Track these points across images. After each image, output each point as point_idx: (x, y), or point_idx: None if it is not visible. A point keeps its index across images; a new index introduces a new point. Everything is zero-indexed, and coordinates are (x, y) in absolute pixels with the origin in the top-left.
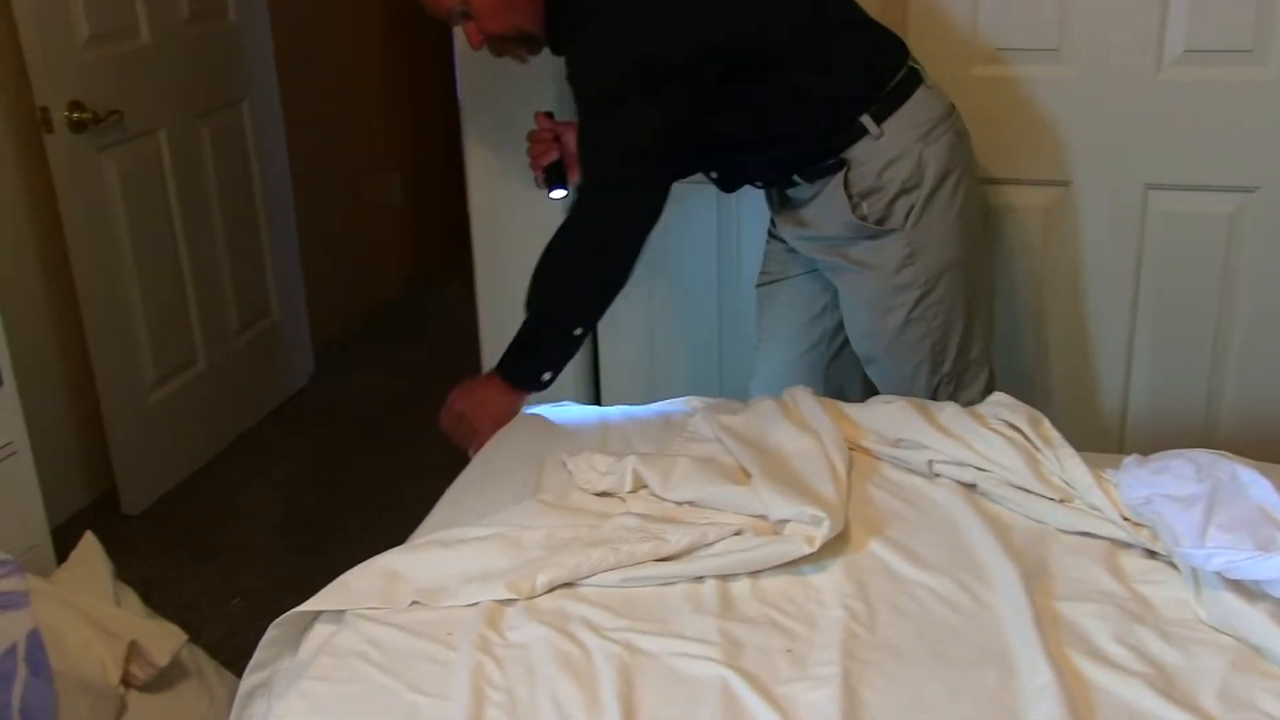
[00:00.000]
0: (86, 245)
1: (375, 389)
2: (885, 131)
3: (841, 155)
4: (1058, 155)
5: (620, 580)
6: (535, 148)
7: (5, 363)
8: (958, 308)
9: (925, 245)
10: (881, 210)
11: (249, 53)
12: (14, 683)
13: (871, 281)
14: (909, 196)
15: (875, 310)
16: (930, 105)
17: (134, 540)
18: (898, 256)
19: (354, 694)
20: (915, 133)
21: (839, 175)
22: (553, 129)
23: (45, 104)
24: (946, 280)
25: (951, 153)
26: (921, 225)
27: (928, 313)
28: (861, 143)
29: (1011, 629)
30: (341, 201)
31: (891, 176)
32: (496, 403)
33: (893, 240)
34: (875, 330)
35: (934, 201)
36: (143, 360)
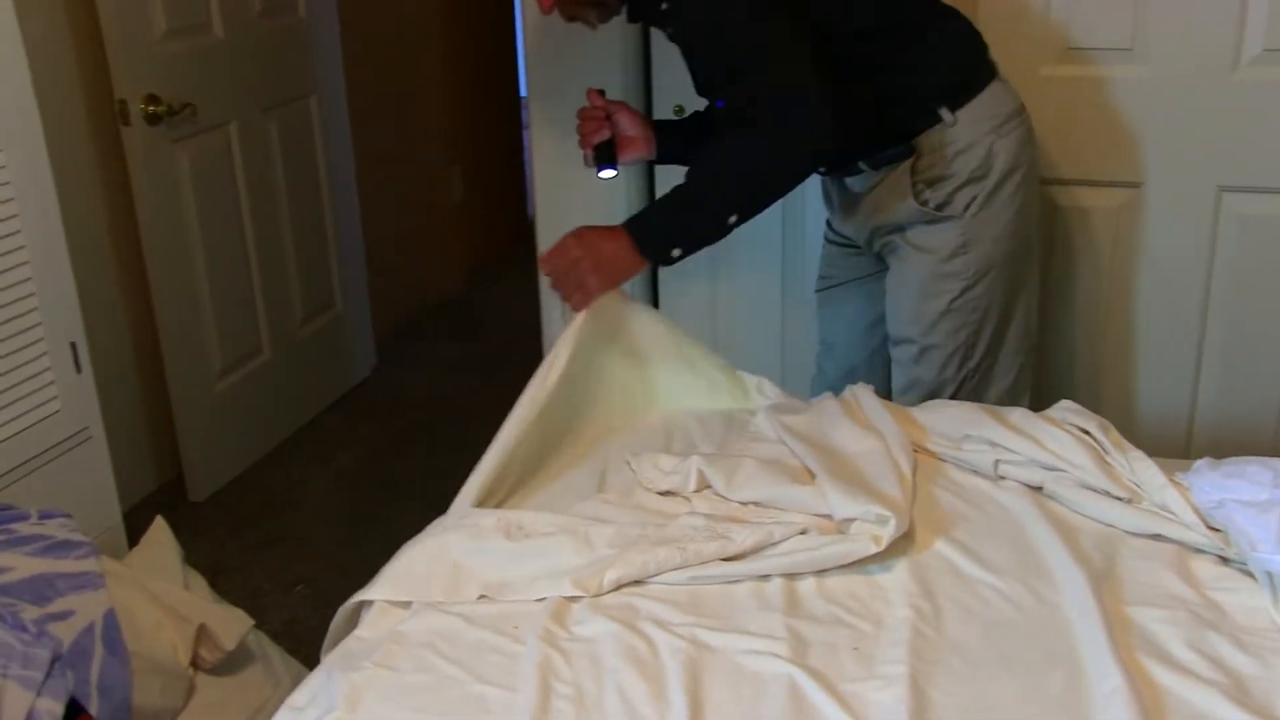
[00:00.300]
0: (159, 236)
1: (436, 381)
2: (959, 120)
3: (912, 142)
4: (1129, 156)
5: (687, 578)
6: (586, 125)
7: (83, 351)
8: (996, 305)
9: (979, 237)
10: (944, 197)
11: (317, 48)
12: (92, 660)
13: (922, 265)
14: (973, 187)
15: (920, 294)
16: (1004, 99)
17: (199, 526)
18: (951, 244)
19: (422, 683)
20: (988, 124)
21: (906, 163)
22: (605, 106)
23: (123, 97)
24: (992, 276)
25: (1020, 149)
26: (980, 217)
27: (968, 305)
28: (934, 130)
29: (1080, 632)
30: (404, 195)
31: (960, 166)
32: (617, 260)
33: (949, 227)
34: (915, 314)
35: (997, 195)
36: (210, 349)
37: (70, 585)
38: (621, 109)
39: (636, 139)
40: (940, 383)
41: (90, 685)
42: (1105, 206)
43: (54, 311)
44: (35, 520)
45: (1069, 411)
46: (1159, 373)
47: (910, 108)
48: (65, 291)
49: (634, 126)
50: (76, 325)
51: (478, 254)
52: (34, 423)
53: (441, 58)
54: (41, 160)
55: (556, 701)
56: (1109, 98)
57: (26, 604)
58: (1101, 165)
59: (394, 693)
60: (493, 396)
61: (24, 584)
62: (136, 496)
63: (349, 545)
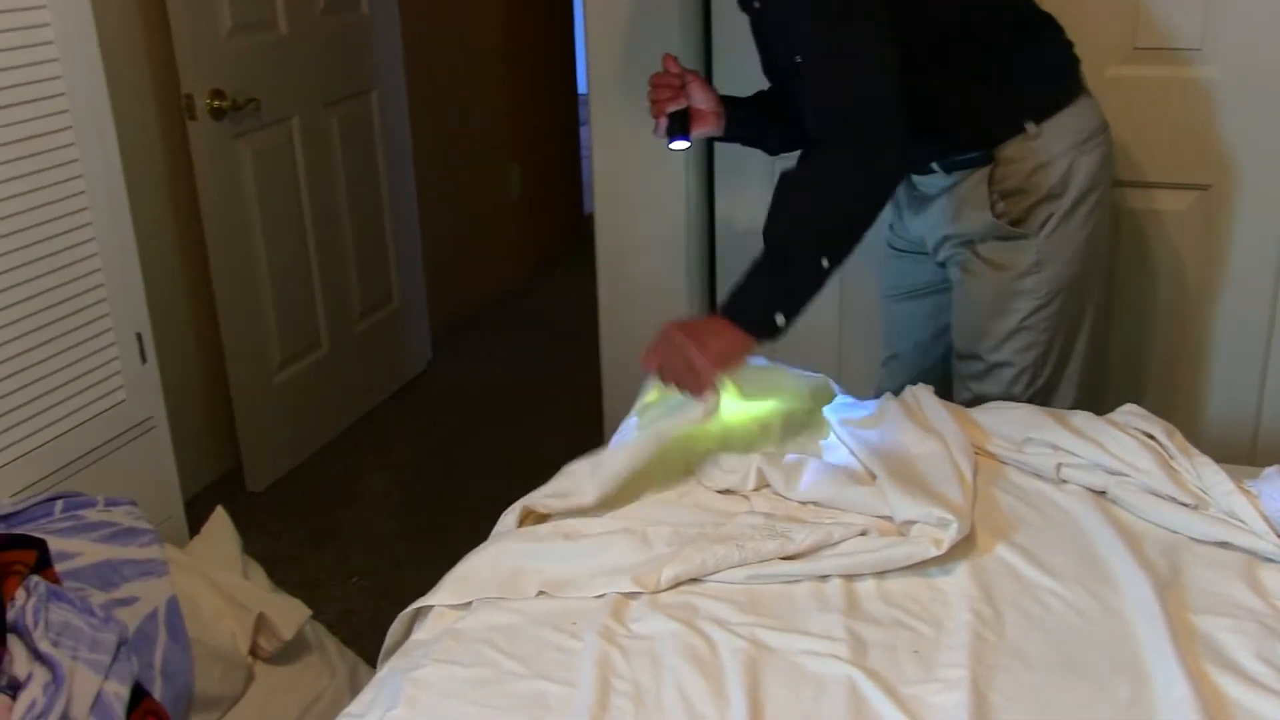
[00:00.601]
0: (222, 229)
1: (491, 376)
2: (1043, 133)
3: (992, 150)
4: (1197, 158)
5: (746, 577)
6: (660, 92)
7: (149, 341)
8: (1065, 325)
9: (1054, 257)
10: (1020, 213)
11: (379, 44)
12: (155, 646)
13: (993, 281)
14: (1050, 204)
15: (989, 311)
16: (1090, 115)
17: (257, 517)
18: (1025, 262)
19: (481, 678)
20: (1071, 139)
21: (983, 170)
22: (680, 74)
23: (190, 92)
24: (1064, 298)
25: (1100, 168)
26: (1055, 236)
27: (1039, 324)
28: (1016, 141)
29: (1145, 640)
30: (462, 191)
31: (1039, 181)
32: (725, 340)
33: (1023, 245)
34: (984, 330)
35: (1074, 215)
36: (270, 342)
37: (135, 572)
38: (695, 79)
39: (708, 113)
40: (1005, 400)
41: (154, 670)
42: (1172, 209)
43: (121, 303)
44: (102, 507)
45: (1133, 416)
46: (1225, 378)
47: (997, 116)
48: (132, 283)
49: (706, 100)
50: (143, 316)
51: (534, 249)
52: (101, 411)
53: (501, 55)
54: (113, 154)
55: (615, 698)
56: (1177, 99)
57: (93, 589)
58: (1168, 167)
59: (454, 688)
60: (548, 390)
61: (91, 569)
62: (196, 486)
63: (405, 538)
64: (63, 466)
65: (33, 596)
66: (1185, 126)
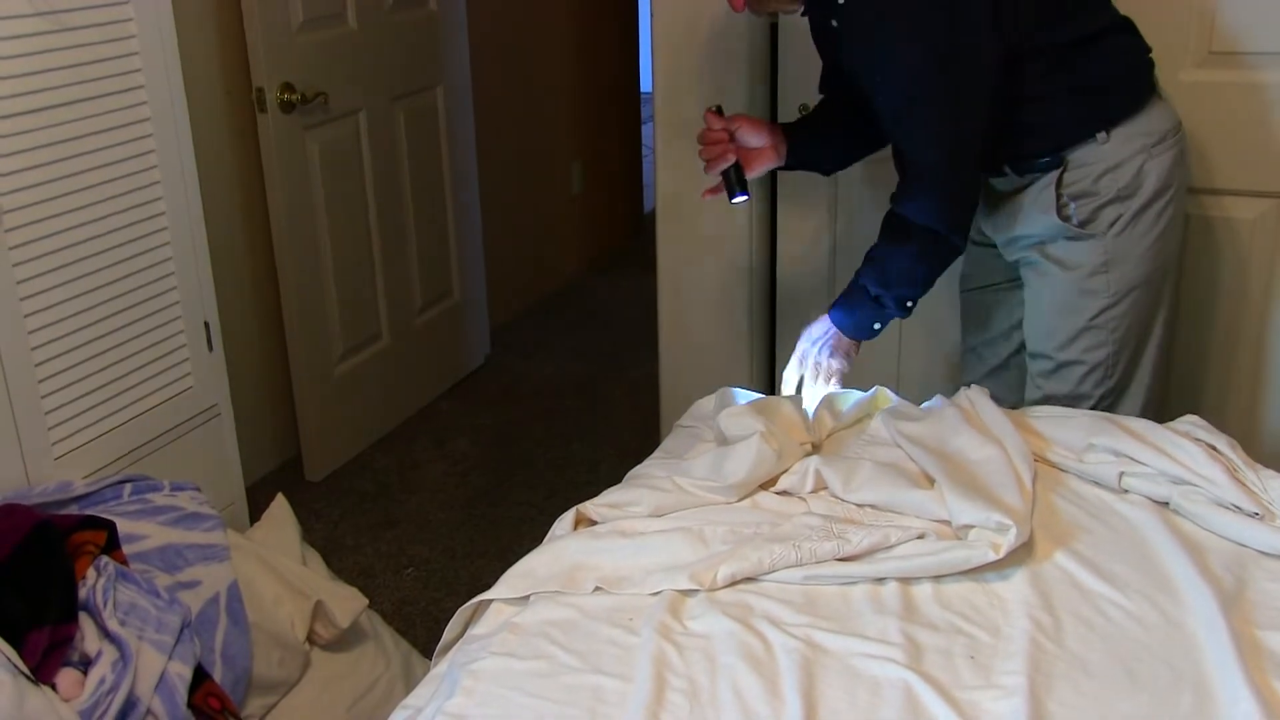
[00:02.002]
0: (288, 221)
1: (549, 371)
2: (1113, 138)
3: (1063, 154)
4: (1270, 166)
5: (802, 578)
6: (710, 150)
7: (215, 330)
8: (1136, 325)
9: (1122, 258)
10: (1088, 214)
11: (446, 40)
12: (216, 630)
13: (1062, 280)
14: (1119, 205)
15: (1058, 309)
16: (1162, 118)
17: (315, 505)
18: (1093, 262)
19: (538, 670)
20: (1141, 143)
21: (1053, 174)
22: (725, 126)
23: (260, 85)
24: (1134, 297)
25: (1171, 169)
26: (1124, 236)
27: (1109, 324)
28: (1086, 145)
29: (1208, 652)
30: (524, 187)
31: (1108, 184)
32: (844, 343)
33: (1092, 244)
34: (1053, 329)
35: (1143, 215)
36: (332, 333)
37: (198, 556)
38: (743, 122)
39: (764, 149)
40: (1074, 399)
41: (215, 653)
42: (1243, 217)
43: (191, 291)
44: (168, 491)
45: (1195, 427)
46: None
47: (1070, 126)
48: (202, 272)
49: (759, 137)
50: (211, 305)
51: (595, 246)
52: (169, 398)
53: (565, 52)
54: (186, 146)
55: (671, 695)
56: (1254, 104)
57: (159, 571)
58: (1241, 174)
59: (511, 680)
60: (605, 387)
61: (157, 552)
62: (256, 474)
63: (461, 530)
64: (131, 451)
65: (103, 576)
66: (1260, 132)
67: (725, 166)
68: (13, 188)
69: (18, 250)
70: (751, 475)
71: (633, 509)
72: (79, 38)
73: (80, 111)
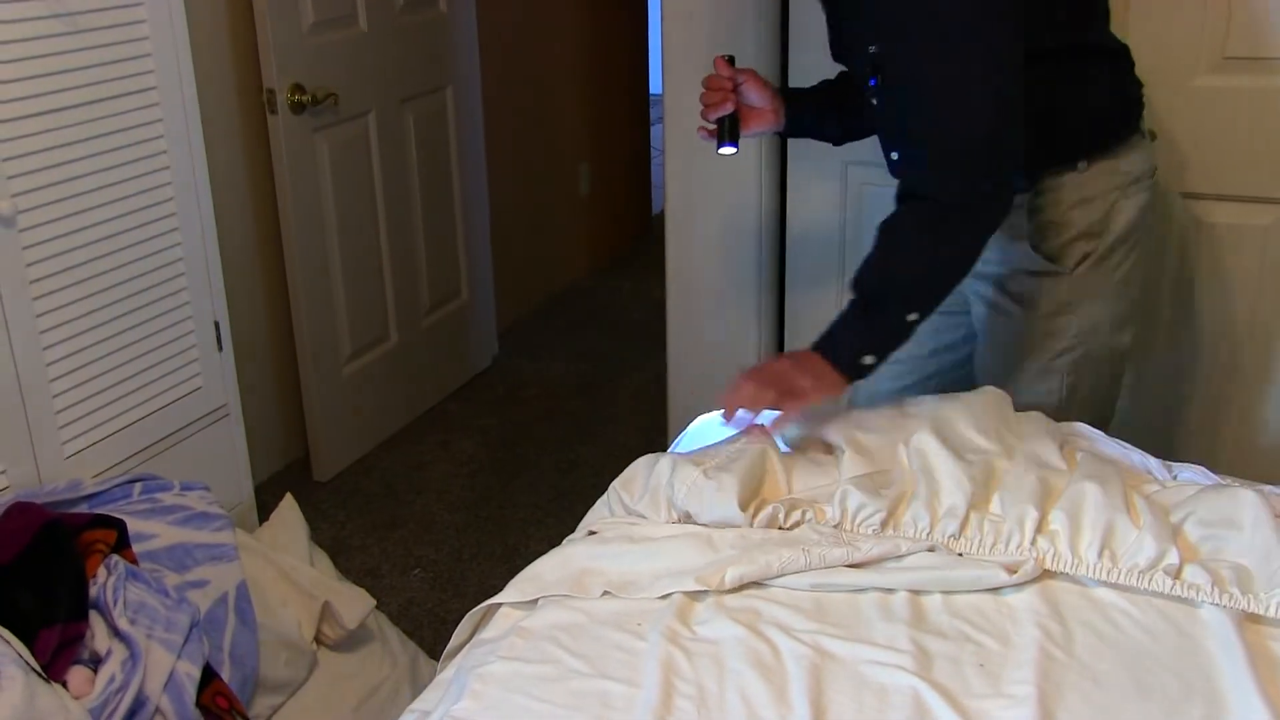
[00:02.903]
0: (298, 222)
1: (556, 373)
2: (1092, 169)
3: (1039, 176)
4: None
5: (810, 584)
6: (711, 95)
7: (225, 330)
8: (1086, 374)
9: (1085, 298)
10: (1055, 249)
11: (456, 42)
12: (225, 629)
13: (1020, 320)
14: (1087, 243)
15: (1015, 350)
16: (1140, 158)
17: (322, 506)
18: (1056, 301)
19: (545, 674)
20: (1117, 180)
21: (1023, 197)
22: (732, 76)
23: (271, 86)
24: (1094, 341)
25: (1142, 213)
26: (1091, 276)
27: (1066, 368)
28: (1065, 172)
29: (1221, 665)
30: (532, 188)
31: (1078, 217)
32: (822, 375)
33: (1056, 282)
34: (1008, 370)
35: (1110, 257)
36: (340, 333)
37: (207, 555)
38: (750, 77)
39: (764, 110)
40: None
41: (223, 653)
42: (1258, 224)
43: (201, 291)
44: (177, 491)
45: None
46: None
47: (1054, 150)
48: (212, 272)
49: (761, 97)
50: (221, 305)
51: (602, 248)
52: (179, 398)
53: (575, 54)
54: (198, 146)
55: (679, 700)
56: (1269, 109)
57: (168, 570)
58: (1256, 180)
59: (519, 683)
60: (613, 389)
61: (166, 551)
62: (263, 474)
63: (467, 531)
64: (140, 450)
65: (113, 575)
66: (1275, 139)
67: (722, 114)
68: (26, 188)
69: (31, 250)
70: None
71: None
72: (92, 39)
73: (93, 113)
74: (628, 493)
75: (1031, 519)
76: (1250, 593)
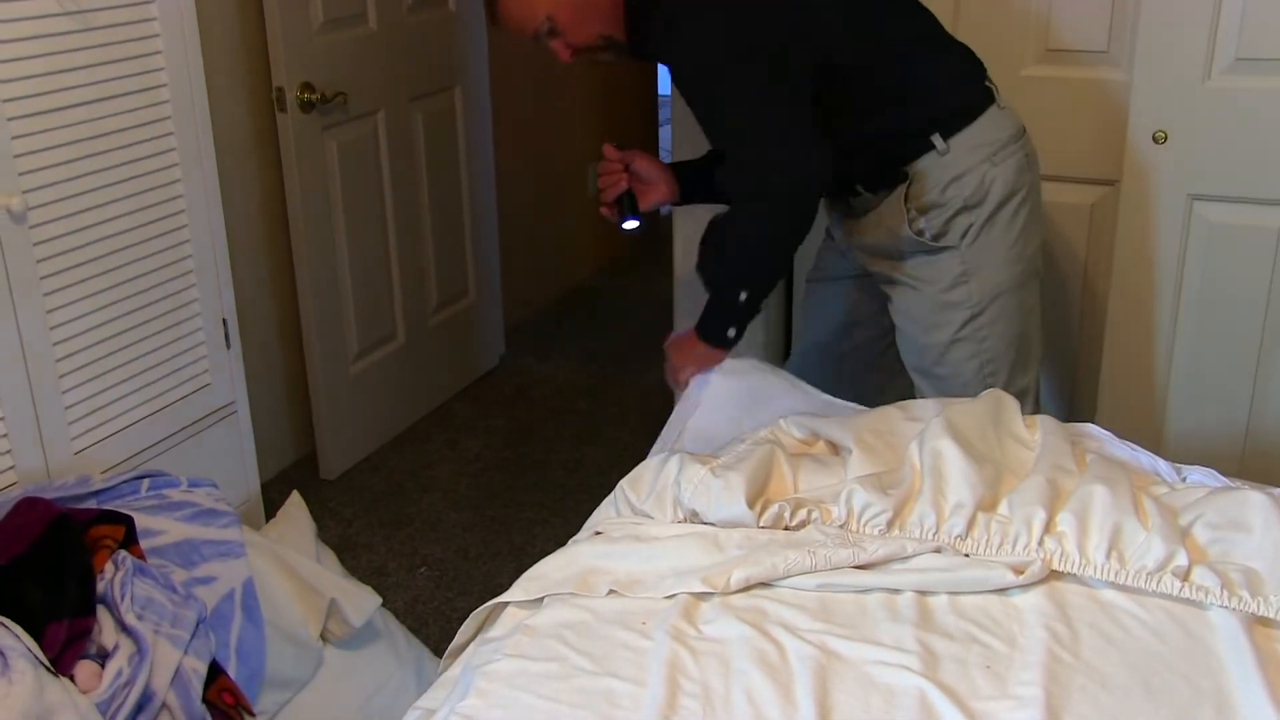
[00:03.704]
0: (306, 220)
1: (563, 373)
2: (952, 148)
3: (905, 168)
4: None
5: (816, 585)
6: (605, 179)
7: (233, 327)
8: (1010, 333)
9: (980, 266)
10: (939, 227)
11: (464, 41)
12: (231, 626)
13: (921, 297)
14: (969, 215)
15: (923, 326)
16: (1001, 126)
17: (329, 504)
18: (951, 274)
19: (551, 672)
20: (983, 152)
21: (900, 188)
22: (621, 158)
23: (281, 85)
24: (1000, 304)
25: (1018, 174)
26: (978, 245)
27: (978, 334)
28: (927, 157)
29: (1230, 668)
30: (540, 189)
31: (954, 194)
32: (699, 352)
33: (947, 257)
34: (922, 346)
35: (994, 222)
36: (348, 332)
37: (214, 552)
38: (637, 156)
39: (657, 184)
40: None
41: (229, 649)
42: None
43: (210, 288)
44: (185, 487)
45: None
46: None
47: (903, 138)
48: (221, 269)
49: (652, 172)
50: (229, 302)
51: (610, 248)
52: (187, 395)
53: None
54: (207, 145)
55: (684, 699)
56: (1087, 97)
57: (175, 566)
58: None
59: (524, 681)
60: (619, 388)
61: (173, 547)
62: (271, 471)
63: (473, 530)
64: (149, 446)
65: (120, 570)
66: (1095, 124)
67: (618, 194)
68: (36, 185)
69: (41, 247)
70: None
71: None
72: (103, 37)
73: (103, 110)
74: (635, 492)
75: (1039, 520)
76: (1260, 595)
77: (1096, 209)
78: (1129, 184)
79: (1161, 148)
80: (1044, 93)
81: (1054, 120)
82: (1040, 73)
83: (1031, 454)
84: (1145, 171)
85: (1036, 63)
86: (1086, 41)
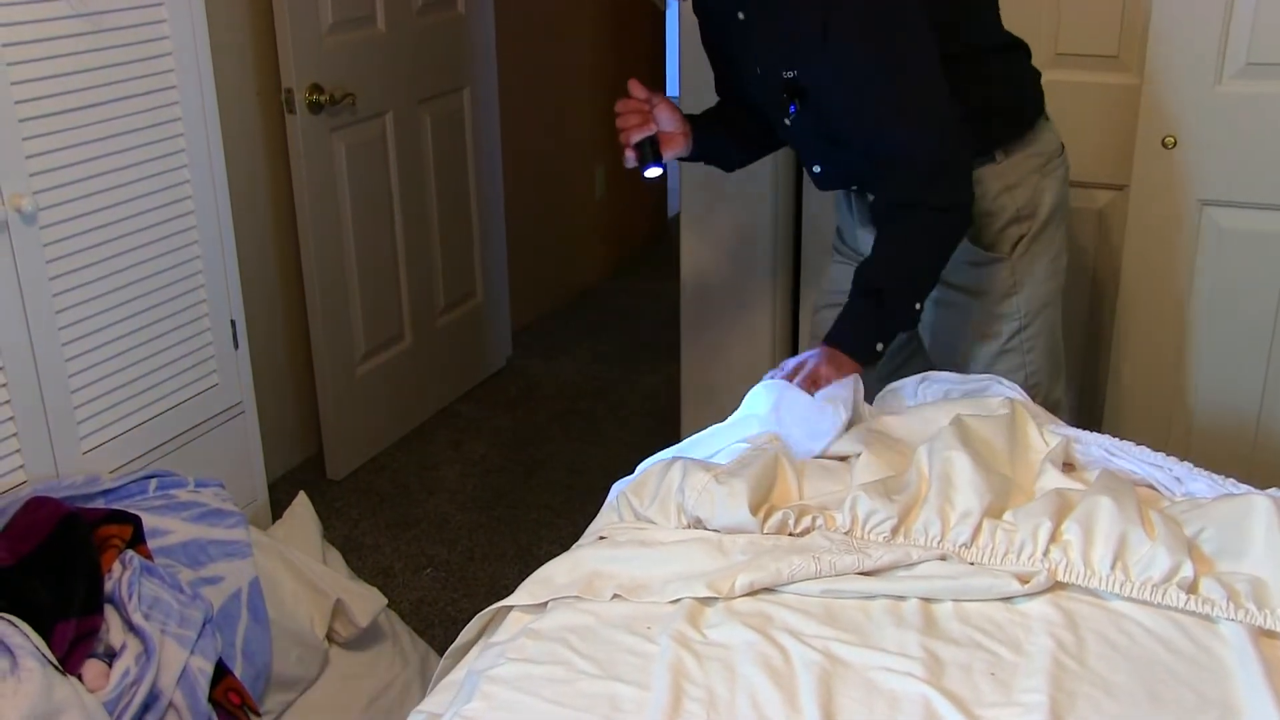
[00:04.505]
0: (314, 221)
1: (569, 375)
2: (1009, 157)
3: None
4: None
5: (821, 591)
6: (627, 119)
7: (241, 328)
8: (1047, 345)
9: (1029, 278)
10: (991, 236)
11: (473, 43)
12: (238, 625)
13: (972, 307)
14: (1019, 226)
15: (971, 337)
16: (1050, 138)
17: (335, 504)
18: (1002, 286)
19: (555, 676)
20: (1035, 163)
21: None
22: (648, 99)
23: (290, 86)
24: (1044, 316)
25: (1062, 188)
26: (1028, 256)
27: (1024, 345)
28: (984, 165)
29: (1237, 677)
30: (547, 191)
31: (1005, 203)
32: (841, 362)
33: (999, 268)
34: (968, 357)
35: (1043, 235)
36: (355, 333)
37: (221, 552)
38: (663, 102)
39: (676, 135)
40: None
41: (235, 649)
42: (1090, 207)
43: (218, 289)
44: (192, 488)
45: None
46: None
47: (974, 134)
48: (229, 270)
49: (674, 122)
50: (237, 303)
51: (616, 251)
52: (195, 395)
53: (591, 57)
54: (216, 146)
55: (688, 704)
56: (1097, 102)
57: (182, 566)
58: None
59: (528, 685)
60: (625, 391)
61: (180, 547)
62: (278, 472)
63: (479, 531)
64: (156, 446)
65: (128, 570)
66: (1104, 129)
67: (642, 137)
68: (46, 185)
69: (51, 247)
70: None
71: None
72: (113, 39)
73: (113, 111)
74: (638, 498)
75: (1045, 529)
76: (1267, 608)
77: (1106, 213)
78: (1139, 189)
79: (1172, 152)
80: (1054, 97)
81: (1064, 124)
82: (1050, 77)
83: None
84: (1155, 176)
85: (1046, 67)
86: (1096, 46)
